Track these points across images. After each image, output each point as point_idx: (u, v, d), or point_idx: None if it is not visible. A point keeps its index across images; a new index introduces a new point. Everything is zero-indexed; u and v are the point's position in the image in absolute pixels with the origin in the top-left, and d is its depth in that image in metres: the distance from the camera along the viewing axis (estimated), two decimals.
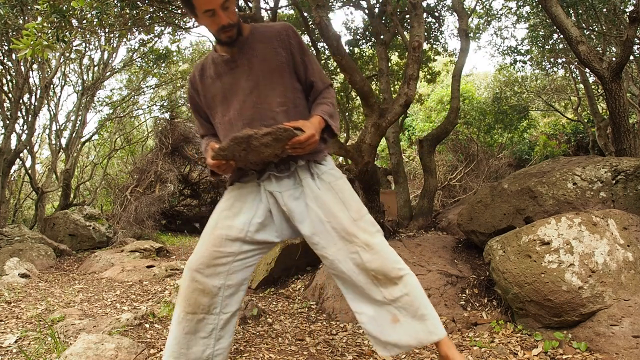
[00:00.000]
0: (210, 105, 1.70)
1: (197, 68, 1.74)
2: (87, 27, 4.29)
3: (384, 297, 1.53)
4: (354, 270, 1.55)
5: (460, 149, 10.83)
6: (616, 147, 3.96)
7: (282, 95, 1.62)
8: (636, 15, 3.62)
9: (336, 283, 1.65)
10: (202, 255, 1.59)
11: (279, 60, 1.63)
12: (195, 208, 12.14)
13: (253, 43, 1.64)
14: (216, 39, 1.62)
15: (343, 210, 1.57)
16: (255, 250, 1.64)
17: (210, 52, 1.74)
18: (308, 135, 1.46)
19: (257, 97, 1.61)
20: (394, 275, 1.54)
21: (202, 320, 1.58)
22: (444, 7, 7.75)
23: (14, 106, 7.39)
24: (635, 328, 2.01)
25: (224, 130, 1.67)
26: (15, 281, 4.04)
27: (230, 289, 1.61)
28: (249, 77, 1.62)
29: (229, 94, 1.64)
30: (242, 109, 1.61)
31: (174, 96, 11.21)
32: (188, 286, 1.58)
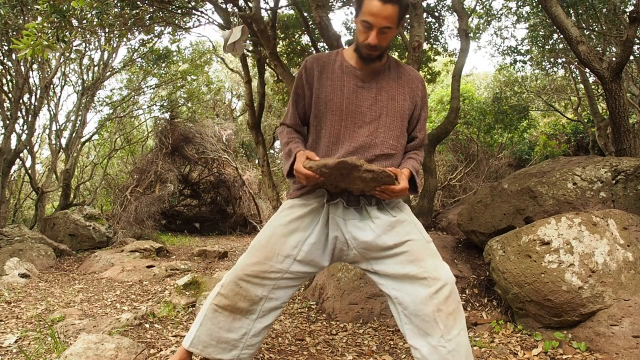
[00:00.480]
0: (320, 107, 1.64)
1: (317, 61, 1.68)
2: (87, 27, 4.29)
3: (442, 335, 1.48)
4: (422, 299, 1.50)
5: (460, 149, 10.83)
6: (616, 147, 3.96)
7: (396, 140, 1.64)
8: (636, 15, 3.62)
9: (394, 310, 1.59)
10: (253, 264, 1.60)
11: (404, 106, 1.66)
12: (195, 208, 12.15)
13: (388, 77, 1.66)
14: (357, 47, 1.61)
15: (415, 232, 1.59)
16: (303, 272, 1.64)
17: (337, 53, 1.70)
18: (402, 188, 1.50)
19: (375, 129, 1.61)
20: (455, 308, 1.51)
21: (238, 321, 1.61)
22: (444, 7, 7.75)
23: (14, 106, 7.39)
24: (635, 328, 2.01)
25: (326, 140, 1.63)
26: (15, 281, 4.04)
27: (272, 302, 1.63)
28: (373, 107, 1.62)
29: (347, 109, 1.61)
30: (356, 133, 1.60)
31: (174, 96, 11.21)
32: (232, 289, 1.60)
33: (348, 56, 1.67)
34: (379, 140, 1.61)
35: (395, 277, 1.55)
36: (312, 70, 1.66)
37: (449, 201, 9.66)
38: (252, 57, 7.93)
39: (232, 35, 3.93)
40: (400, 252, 1.55)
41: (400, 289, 1.54)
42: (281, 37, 7.77)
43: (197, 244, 8.20)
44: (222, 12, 6.20)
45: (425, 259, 1.54)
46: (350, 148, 1.59)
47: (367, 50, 1.55)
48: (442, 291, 1.49)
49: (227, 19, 6.18)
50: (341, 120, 1.61)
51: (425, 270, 1.51)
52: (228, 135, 11.34)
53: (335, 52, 1.71)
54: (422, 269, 1.51)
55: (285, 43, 8.00)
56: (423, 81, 1.73)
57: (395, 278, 1.55)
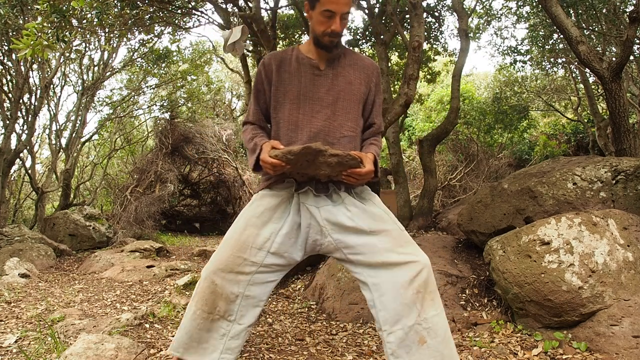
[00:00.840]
0: (279, 98, 1.68)
1: (274, 57, 1.72)
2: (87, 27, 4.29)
3: (418, 314, 1.48)
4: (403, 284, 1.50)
5: (460, 149, 10.83)
6: (616, 147, 3.96)
7: (354, 122, 1.68)
8: (636, 15, 3.62)
9: (369, 297, 1.57)
10: (226, 258, 1.58)
11: (360, 90, 1.70)
12: (195, 208, 12.15)
13: (344, 63, 1.71)
14: (315, 39, 1.65)
15: (389, 221, 1.60)
16: (277, 264, 1.62)
17: (293, 49, 1.74)
18: (368, 170, 1.50)
19: (332, 112, 1.65)
20: (432, 289, 1.51)
21: (216, 322, 1.58)
22: (444, 7, 7.75)
23: (14, 106, 7.39)
24: (635, 328, 2.01)
25: (285, 129, 1.66)
26: (15, 281, 4.04)
27: (249, 300, 1.60)
28: (330, 91, 1.66)
29: (303, 96, 1.65)
30: (314, 118, 1.64)
31: (174, 96, 11.21)
32: (207, 287, 1.57)
33: (304, 49, 1.72)
34: (337, 123, 1.65)
35: (373, 266, 1.55)
36: (270, 66, 1.71)
37: (449, 201, 9.66)
38: (252, 57, 7.93)
39: (232, 35, 3.93)
40: (375, 241, 1.55)
41: (378, 275, 1.54)
42: (281, 37, 7.77)
43: (197, 244, 8.20)
44: (222, 12, 6.20)
45: (403, 245, 1.55)
46: (310, 133, 1.62)
47: (329, 38, 1.60)
48: (422, 274, 1.50)
49: (227, 19, 6.18)
50: (299, 108, 1.65)
51: (404, 256, 1.52)
52: (228, 135, 11.34)
53: (291, 48, 1.77)
54: (401, 256, 1.52)
55: (285, 43, 8.01)
56: (378, 68, 1.78)
57: (373, 266, 1.55)
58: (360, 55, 1.78)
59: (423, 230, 4.76)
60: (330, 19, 1.57)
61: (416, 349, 1.47)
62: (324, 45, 1.64)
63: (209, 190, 12.19)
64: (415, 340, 1.47)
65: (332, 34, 1.59)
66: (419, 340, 1.47)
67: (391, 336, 1.50)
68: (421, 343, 1.47)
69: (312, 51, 1.70)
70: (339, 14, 1.56)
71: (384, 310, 1.52)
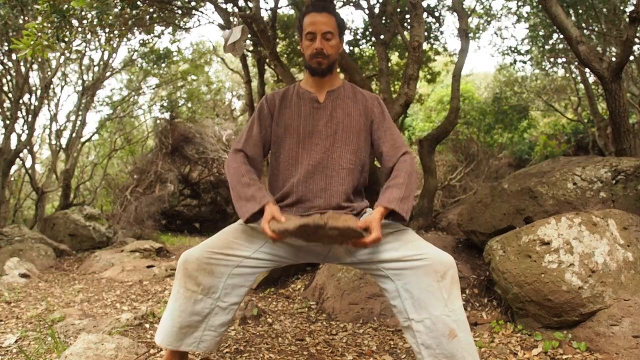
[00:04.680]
0: (279, 133, 1.70)
1: (277, 93, 1.77)
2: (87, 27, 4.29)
3: (445, 304, 1.44)
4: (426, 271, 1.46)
5: (460, 149, 10.83)
6: (616, 147, 3.96)
7: (354, 154, 1.67)
8: (636, 15, 3.62)
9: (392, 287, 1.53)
10: (218, 240, 1.57)
11: (360, 122, 1.70)
12: (195, 208, 12.15)
13: (343, 95, 1.72)
14: (307, 67, 1.70)
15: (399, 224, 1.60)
16: (273, 255, 1.61)
17: (295, 85, 1.78)
18: (373, 239, 1.45)
19: (331, 144, 1.65)
20: (456, 280, 1.48)
21: (199, 302, 1.53)
22: (444, 7, 7.75)
23: (14, 106, 7.39)
24: (635, 328, 2.01)
25: (285, 163, 1.66)
26: (15, 281, 4.04)
27: (235, 278, 1.56)
28: (329, 124, 1.67)
29: (303, 130, 1.66)
30: (312, 151, 1.64)
31: (174, 96, 11.21)
32: (197, 263, 1.52)
33: (304, 84, 1.76)
34: (335, 155, 1.65)
35: (389, 261, 1.53)
36: (273, 101, 1.74)
37: (449, 201, 9.65)
38: (252, 57, 7.94)
39: (232, 35, 3.93)
40: (388, 241, 1.54)
41: (397, 267, 1.51)
42: (281, 37, 7.77)
43: (196, 244, 8.19)
44: (222, 12, 6.20)
45: (416, 241, 1.54)
46: (308, 167, 1.62)
47: (315, 59, 1.64)
48: (444, 261, 1.47)
49: (227, 19, 6.18)
50: (298, 142, 1.66)
51: (420, 250, 1.49)
52: (228, 135, 11.34)
53: (292, 85, 1.80)
54: (417, 250, 1.49)
55: (285, 43, 8.00)
56: (378, 98, 1.78)
57: (389, 261, 1.53)
58: (363, 91, 1.79)
59: (423, 230, 4.75)
60: (312, 41, 1.64)
61: (446, 342, 1.43)
62: (314, 69, 1.67)
63: (209, 190, 12.18)
64: (445, 332, 1.43)
65: (316, 54, 1.63)
66: (449, 334, 1.42)
67: (420, 325, 1.46)
68: (451, 337, 1.42)
69: (310, 83, 1.73)
70: (319, 33, 1.62)
71: (410, 298, 1.48)
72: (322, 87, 1.72)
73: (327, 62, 1.65)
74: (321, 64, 1.65)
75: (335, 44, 1.66)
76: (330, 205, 1.62)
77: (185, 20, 7.11)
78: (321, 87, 1.72)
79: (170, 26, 7.01)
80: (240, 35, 3.96)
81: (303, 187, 1.63)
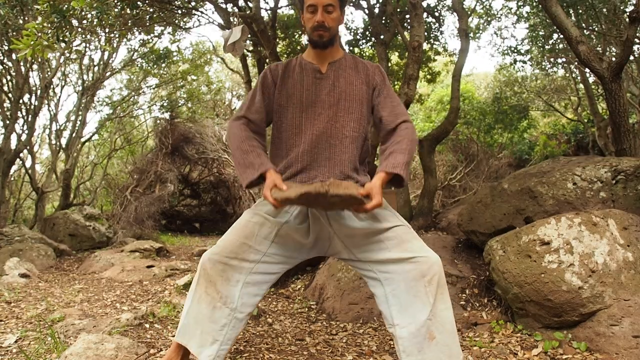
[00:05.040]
0: (282, 102, 1.71)
1: (281, 64, 1.78)
2: (87, 27, 4.29)
3: (430, 309, 1.47)
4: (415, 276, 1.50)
5: (460, 149, 10.83)
6: (616, 147, 3.96)
7: (357, 122, 1.68)
8: (636, 15, 3.62)
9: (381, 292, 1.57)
10: (231, 243, 1.59)
11: (362, 90, 1.71)
12: (195, 208, 12.14)
13: (345, 65, 1.73)
14: (309, 39, 1.70)
15: (396, 219, 1.62)
16: (281, 256, 1.64)
17: (297, 57, 1.78)
18: (374, 204, 1.46)
19: (334, 114, 1.66)
20: (442, 284, 1.51)
21: (218, 310, 1.57)
22: (444, 7, 7.75)
23: (14, 106, 7.39)
24: (635, 328, 2.01)
25: (288, 132, 1.68)
26: (15, 281, 4.04)
27: (249, 288, 1.60)
28: (332, 93, 1.67)
29: (306, 99, 1.67)
30: (316, 120, 1.65)
31: (174, 96, 11.21)
32: (211, 268, 1.56)
33: (306, 56, 1.77)
34: (339, 124, 1.66)
35: (382, 262, 1.56)
36: (276, 71, 1.75)
37: (449, 201, 9.65)
38: (252, 57, 7.94)
39: (232, 35, 3.93)
40: (384, 238, 1.57)
41: (388, 270, 1.55)
42: (281, 37, 7.77)
43: (197, 244, 8.20)
44: (222, 12, 6.20)
45: (411, 240, 1.56)
46: (312, 136, 1.64)
47: (317, 31, 1.64)
48: (432, 268, 1.49)
49: (227, 19, 6.18)
50: (301, 112, 1.67)
51: (412, 251, 1.52)
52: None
53: (295, 57, 1.81)
54: (410, 252, 1.52)
55: (285, 43, 8.00)
56: (380, 67, 1.79)
57: (382, 263, 1.56)
58: (364, 60, 1.80)
59: (423, 230, 4.75)
60: (314, 14, 1.63)
61: (427, 345, 1.47)
62: (315, 42, 1.67)
63: (209, 190, 12.18)
64: (425, 336, 1.47)
65: (317, 27, 1.63)
66: (429, 337, 1.47)
67: (404, 331, 1.49)
68: (430, 339, 1.47)
69: (312, 55, 1.74)
70: (321, 5, 1.61)
71: (397, 304, 1.52)
72: (324, 59, 1.73)
73: (329, 35, 1.66)
74: (322, 37, 1.65)
75: (337, 16, 1.66)
76: (334, 174, 1.64)
77: (185, 20, 7.11)
78: (323, 58, 1.73)
79: (170, 26, 7.02)
80: (240, 35, 3.97)
81: (307, 157, 1.64)
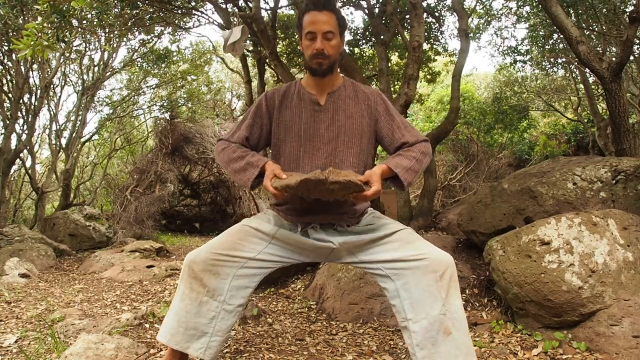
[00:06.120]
0: (280, 135, 1.69)
1: (278, 91, 1.74)
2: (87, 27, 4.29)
3: (443, 304, 1.46)
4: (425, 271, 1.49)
5: (460, 149, 10.83)
6: (616, 147, 3.96)
7: (357, 157, 1.67)
8: (636, 15, 3.62)
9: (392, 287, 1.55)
10: (223, 241, 1.59)
11: (363, 123, 1.68)
12: (195, 208, 12.14)
13: (344, 96, 1.70)
14: (308, 67, 1.67)
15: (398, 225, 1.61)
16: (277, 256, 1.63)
17: (296, 83, 1.76)
18: (374, 192, 1.46)
19: (333, 149, 1.64)
20: (455, 279, 1.50)
21: (205, 304, 1.54)
22: (444, 7, 7.75)
23: (14, 106, 7.39)
24: (635, 328, 2.01)
25: (286, 166, 1.65)
26: (15, 281, 4.04)
27: (240, 280, 1.58)
28: (331, 127, 1.65)
29: (304, 133, 1.65)
30: (314, 155, 1.64)
31: (174, 96, 11.21)
32: (199, 264, 1.55)
33: (305, 83, 1.73)
34: (338, 160, 1.64)
35: (389, 261, 1.55)
36: (273, 100, 1.71)
37: (449, 201, 9.65)
38: (252, 57, 7.94)
39: (232, 35, 3.94)
40: (389, 241, 1.56)
41: (396, 267, 1.53)
42: (281, 37, 7.77)
43: (197, 244, 8.20)
44: (222, 12, 6.20)
45: (416, 242, 1.55)
46: (311, 170, 1.61)
47: (316, 59, 1.61)
48: (443, 261, 1.48)
49: (227, 19, 6.18)
50: (300, 146, 1.65)
51: (419, 250, 1.51)
52: None
53: (293, 82, 1.78)
54: (417, 250, 1.51)
55: (285, 43, 8.00)
56: (381, 94, 1.75)
57: (389, 262, 1.55)
58: (363, 86, 1.77)
59: (423, 230, 4.76)
60: (313, 41, 1.60)
61: (442, 340, 1.44)
62: (314, 70, 1.65)
63: (209, 190, 12.17)
64: (440, 330, 1.45)
65: (316, 55, 1.60)
66: (444, 331, 1.44)
67: (416, 325, 1.47)
68: (446, 334, 1.44)
69: (311, 84, 1.71)
70: (320, 33, 1.58)
71: (408, 297, 1.50)
72: (323, 88, 1.70)
73: (328, 63, 1.63)
74: (322, 65, 1.62)
75: (336, 43, 1.63)
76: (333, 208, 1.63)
77: (185, 20, 7.11)
78: (322, 88, 1.70)
79: (170, 26, 7.02)
80: (240, 35, 3.97)
81: None
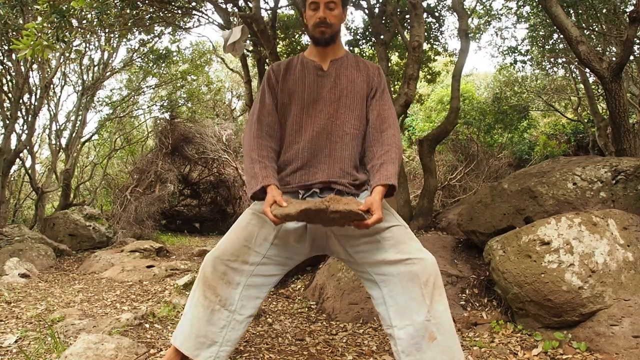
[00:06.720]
0: (284, 100, 1.72)
1: (283, 62, 1.79)
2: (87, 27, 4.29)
3: (428, 310, 1.47)
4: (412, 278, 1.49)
5: (460, 149, 10.82)
6: (616, 147, 3.96)
7: (358, 120, 1.69)
8: (636, 15, 3.62)
9: (378, 294, 1.57)
10: (231, 245, 1.60)
11: (363, 88, 1.72)
12: (195, 208, 12.14)
13: (346, 63, 1.74)
14: (311, 37, 1.71)
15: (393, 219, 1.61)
16: (281, 257, 1.64)
17: (299, 55, 1.80)
18: (375, 220, 1.45)
19: (335, 110, 1.67)
20: (439, 285, 1.51)
21: (216, 312, 1.57)
22: (444, 7, 7.75)
23: (14, 106, 7.39)
24: (635, 328, 2.01)
25: (290, 129, 1.69)
26: (15, 281, 4.04)
27: (250, 290, 1.61)
28: (333, 90, 1.69)
29: (308, 97, 1.68)
30: (317, 117, 1.66)
31: (174, 96, 11.21)
32: (211, 272, 1.58)
33: (307, 53, 1.78)
34: (339, 121, 1.67)
35: (377, 264, 1.55)
36: (278, 70, 1.76)
37: (449, 201, 9.65)
38: (252, 57, 7.93)
39: (232, 35, 3.93)
40: (381, 238, 1.56)
41: (385, 272, 1.54)
42: (281, 37, 7.77)
43: (197, 244, 8.20)
44: (222, 12, 6.20)
45: (407, 242, 1.56)
46: (313, 133, 1.65)
47: (318, 28, 1.66)
48: (428, 269, 1.49)
49: (227, 19, 6.18)
50: (302, 108, 1.68)
51: (408, 253, 1.52)
52: (228, 135, 11.33)
53: (296, 55, 1.82)
54: (405, 253, 1.52)
55: (285, 43, 8.00)
56: (381, 69, 1.80)
57: (377, 264, 1.55)
58: (365, 60, 1.82)
59: (423, 230, 4.75)
60: (316, 10, 1.65)
61: (427, 345, 1.46)
62: (317, 39, 1.69)
63: (209, 190, 12.18)
64: (425, 336, 1.46)
65: (319, 23, 1.64)
66: (429, 337, 1.46)
67: (402, 332, 1.49)
68: (431, 340, 1.46)
69: (314, 53, 1.75)
70: (323, 2, 1.63)
71: (394, 305, 1.51)
72: (326, 57, 1.74)
73: (330, 32, 1.67)
74: (324, 33, 1.66)
75: (338, 13, 1.67)
76: (334, 170, 1.63)
77: (185, 20, 7.11)
78: (325, 56, 1.74)
79: (170, 26, 7.02)
80: (240, 35, 3.97)
81: (307, 153, 1.65)
